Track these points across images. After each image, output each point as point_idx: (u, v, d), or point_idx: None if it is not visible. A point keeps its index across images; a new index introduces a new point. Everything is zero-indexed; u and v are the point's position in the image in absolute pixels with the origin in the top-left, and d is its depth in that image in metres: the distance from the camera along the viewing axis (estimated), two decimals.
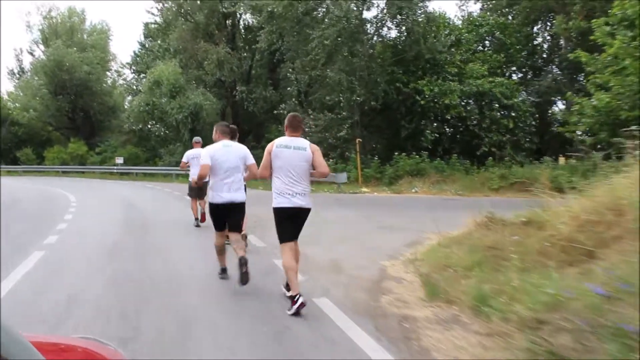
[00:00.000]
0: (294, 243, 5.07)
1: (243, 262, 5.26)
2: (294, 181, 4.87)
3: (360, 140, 20.73)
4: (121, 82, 45.43)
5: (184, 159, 10.21)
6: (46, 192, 18.97)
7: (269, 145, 4.97)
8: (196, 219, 10.26)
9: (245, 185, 6.08)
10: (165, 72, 29.73)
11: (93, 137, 38.56)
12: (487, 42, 27.13)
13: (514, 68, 28.00)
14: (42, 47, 41.82)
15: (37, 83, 38.57)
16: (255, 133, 33.00)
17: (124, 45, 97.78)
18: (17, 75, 46.00)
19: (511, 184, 19.23)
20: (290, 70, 24.74)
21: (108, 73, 44.20)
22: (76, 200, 15.38)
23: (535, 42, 28.67)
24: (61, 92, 37.80)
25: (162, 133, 32.88)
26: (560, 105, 27.03)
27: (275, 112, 26.18)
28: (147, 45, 41.49)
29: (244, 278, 5.24)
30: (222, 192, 5.58)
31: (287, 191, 4.87)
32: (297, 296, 4.62)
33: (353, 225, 10.38)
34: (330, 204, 14.74)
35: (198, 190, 10.00)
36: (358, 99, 21.50)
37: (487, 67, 23.76)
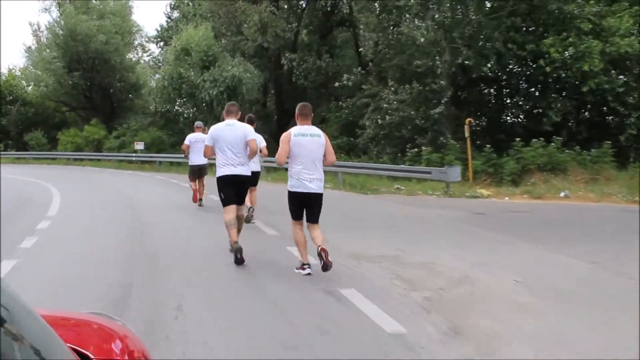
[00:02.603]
0: (316, 226, 5.31)
1: (240, 251, 5.64)
2: (312, 167, 5.23)
3: (472, 120, 14.66)
4: (146, 58, 39.98)
5: (186, 141, 10.58)
6: (30, 190, 13.59)
7: (285, 135, 5.35)
8: (194, 190, 10.71)
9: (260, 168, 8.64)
10: (195, 37, 24.00)
11: (114, 118, 33.20)
12: None
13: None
14: (56, 16, 36.40)
15: (48, 55, 33.17)
16: None
17: (151, 24, 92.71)
18: (36, 53, 40.55)
19: None
20: (362, 27, 18.69)
21: (132, 50, 38.61)
22: (58, 209, 9.87)
23: None
24: (76, 66, 32.36)
25: (190, 114, 27.35)
26: None
27: (336, 84, 20.35)
28: (172, 17, 35.92)
29: (239, 261, 5.63)
30: (227, 167, 5.88)
31: (305, 176, 5.20)
32: (306, 266, 5.24)
33: None
34: (468, 223, 8.86)
35: (198, 172, 10.59)
36: (467, 62, 15.41)
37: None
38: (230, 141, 5.85)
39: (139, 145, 24.21)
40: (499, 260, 5.96)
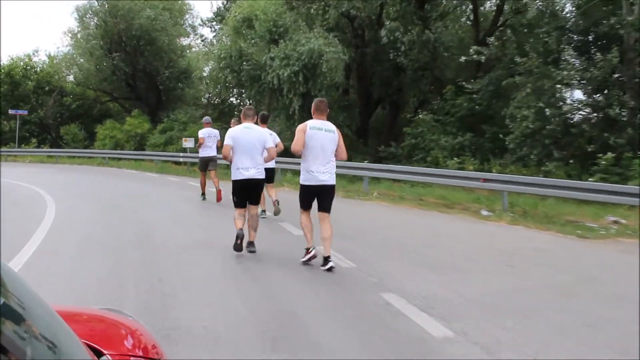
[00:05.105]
0: (327, 216, 5.52)
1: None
2: (323, 160, 5.45)
3: None
4: (198, 44, 34.93)
5: (201, 135, 10.93)
6: (19, 210, 8.47)
7: (301, 126, 5.56)
8: (202, 194, 11.08)
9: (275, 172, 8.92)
10: (260, 3, 18.62)
11: (160, 110, 28.30)
12: None
13: None
14: None
15: (84, 34, 28.46)
16: (392, 101, 21.27)
17: (203, 11, 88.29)
18: (81, 40, 35.98)
19: None
20: None
21: (183, 33, 33.57)
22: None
23: None
24: (117, 48, 27.58)
25: (249, 103, 22.10)
26: None
27: (463, 58, 14.58)
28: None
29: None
30: (243, 170, 6.00)
31: (316, 169, 5.42)
32: (311, 248, 5.48)
33: None
34: None
35: (207, 164, 10.95)
36: None
37: None
38: (246, 144, 6.00)
39: (188, 143, 18.86)
40: None
